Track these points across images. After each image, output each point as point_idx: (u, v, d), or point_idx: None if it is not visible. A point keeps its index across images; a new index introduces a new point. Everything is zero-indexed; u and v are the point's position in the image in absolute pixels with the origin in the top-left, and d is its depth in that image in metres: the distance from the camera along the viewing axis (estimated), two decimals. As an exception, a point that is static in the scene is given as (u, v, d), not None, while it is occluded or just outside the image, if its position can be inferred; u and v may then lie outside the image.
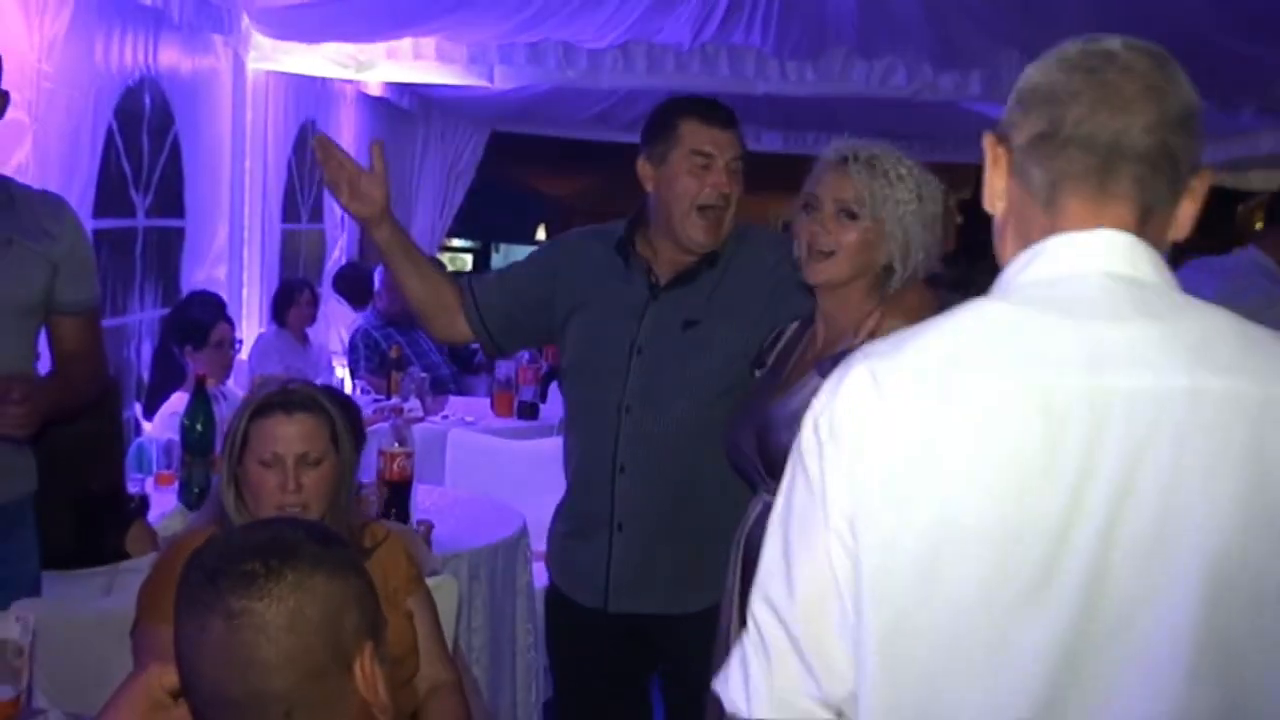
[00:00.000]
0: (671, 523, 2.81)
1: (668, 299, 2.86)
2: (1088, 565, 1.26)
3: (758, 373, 2.63)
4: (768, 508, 1.66)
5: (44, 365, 3.14)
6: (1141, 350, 1.30)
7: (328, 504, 2.49)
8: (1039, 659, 1.27)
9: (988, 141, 1.49)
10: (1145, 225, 1.39)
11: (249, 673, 1.41)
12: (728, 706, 1.41)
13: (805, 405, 1.44)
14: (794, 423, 1.49)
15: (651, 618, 2.86)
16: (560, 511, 3.07)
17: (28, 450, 3.11)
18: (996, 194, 1.48)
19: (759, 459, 2.46)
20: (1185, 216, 1.43)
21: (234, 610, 1.42)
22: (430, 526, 3.78)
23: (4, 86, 2.93)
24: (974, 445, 1.31)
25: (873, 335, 2.23)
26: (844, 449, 1.35)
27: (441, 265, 9.19)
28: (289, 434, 2.45)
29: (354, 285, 7.86)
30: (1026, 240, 1.41)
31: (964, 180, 13.81)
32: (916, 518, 1.31)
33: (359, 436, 2.60)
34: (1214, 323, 1.34)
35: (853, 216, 2.43)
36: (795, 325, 2.62)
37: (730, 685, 1.41)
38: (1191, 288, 1.42)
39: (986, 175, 1.49)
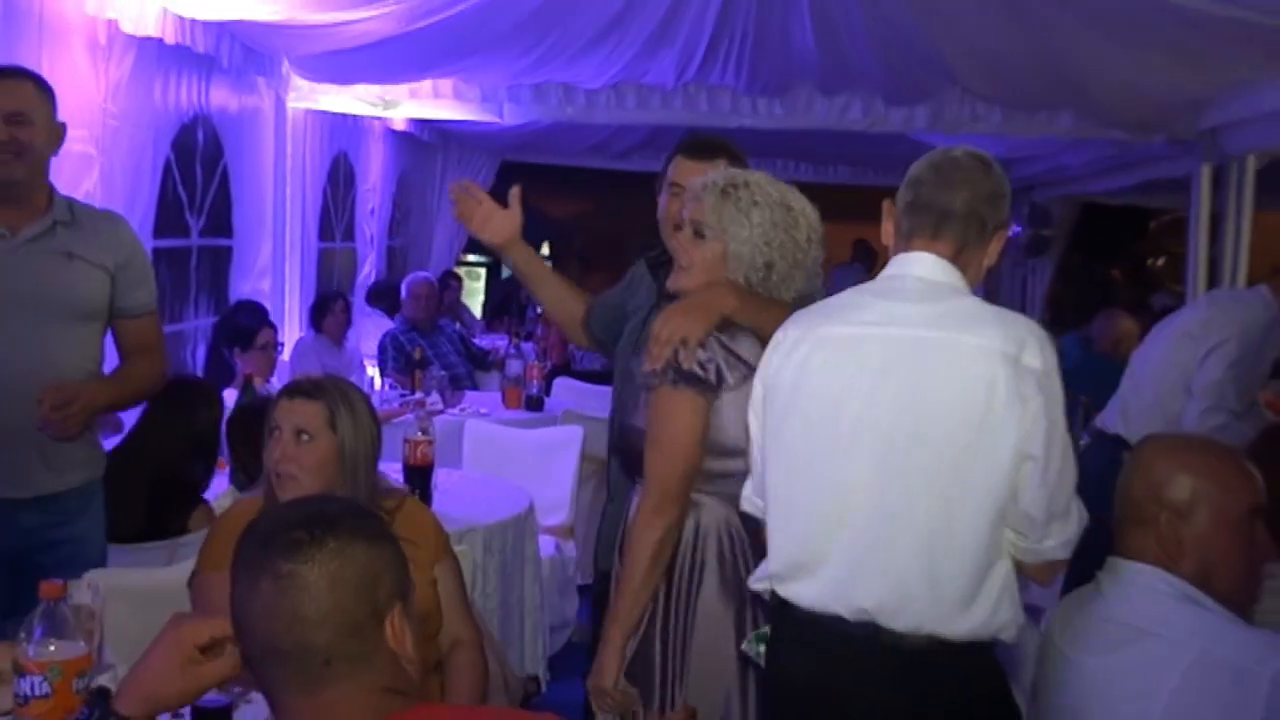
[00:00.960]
0: None
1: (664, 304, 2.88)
2: (861, 415, 2.02)
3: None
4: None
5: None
6: (912, 316, 2.04)
7: (321, 477, 2.50)
8: (836, 462, 2.05)
9: (886, 205, 2.20)
10: (959, 255, 2.10)
11: (294, 626, 1.41)
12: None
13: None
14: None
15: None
16: None
17: (96, 441, 3.12)
18: (887, 235, 2.19)
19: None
20: (993, 251, 2.16)
21: (281, 572, 1.42)
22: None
23: (73, 126, 2.94)
24: (821, 359, 2.09)
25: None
26: (765, 362, 2.20)
27: (460, 283, 9.21)
28: (290, 412, 2.52)
29: (386, 298, 7.89)
30: None
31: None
32: (791, 395, 2.11)
33: (373, 428, 2.62)
34: (964, 306, 2.05)
35: (702, 236, 2.45)
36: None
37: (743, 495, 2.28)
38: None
39: (884, 224, 2.20)
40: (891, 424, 1.99)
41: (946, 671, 2.01)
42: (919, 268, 2.09)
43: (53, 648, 1.87)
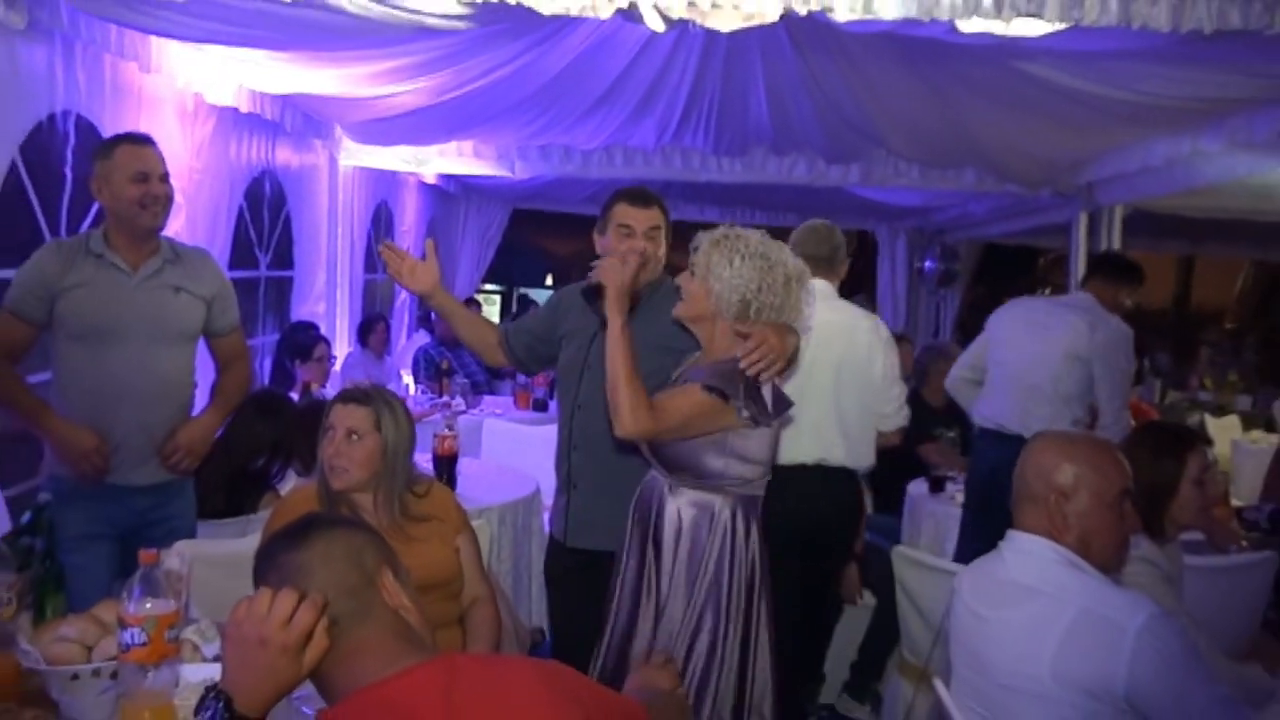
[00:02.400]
0: (608, 485, 2.77)
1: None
2: (821, 372, 3.19)
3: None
4: (654, 479, 2.53)
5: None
6: (836, 316, 3.28)
7: (369, 469, 2.50)
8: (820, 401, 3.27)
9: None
10: (833, 278, 3.46)
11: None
12: None
13: None
14: None
15: (598, 553, 2.75)
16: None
17: None
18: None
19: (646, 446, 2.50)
20: (843, 274, 3.51)
21: (281, 563, 1.47)
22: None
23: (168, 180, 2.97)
24: (813, 338, 2.88)
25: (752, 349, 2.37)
26: None
27: (479, 307, 9.21)
28: (344, 415, 2.52)
29: (427, 321, 8.10)
30: None
31: (846, 241, 13.90)
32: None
33: (410, 428, 2.61)
34: (849, 304, 3.52)
35: (694, 275, 2.48)
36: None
37: None
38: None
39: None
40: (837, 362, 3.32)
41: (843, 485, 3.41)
42: (825, 289, 3.34)
43: (148, 605, 1.87)
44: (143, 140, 2.96)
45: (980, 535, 3.60)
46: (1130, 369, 3.89)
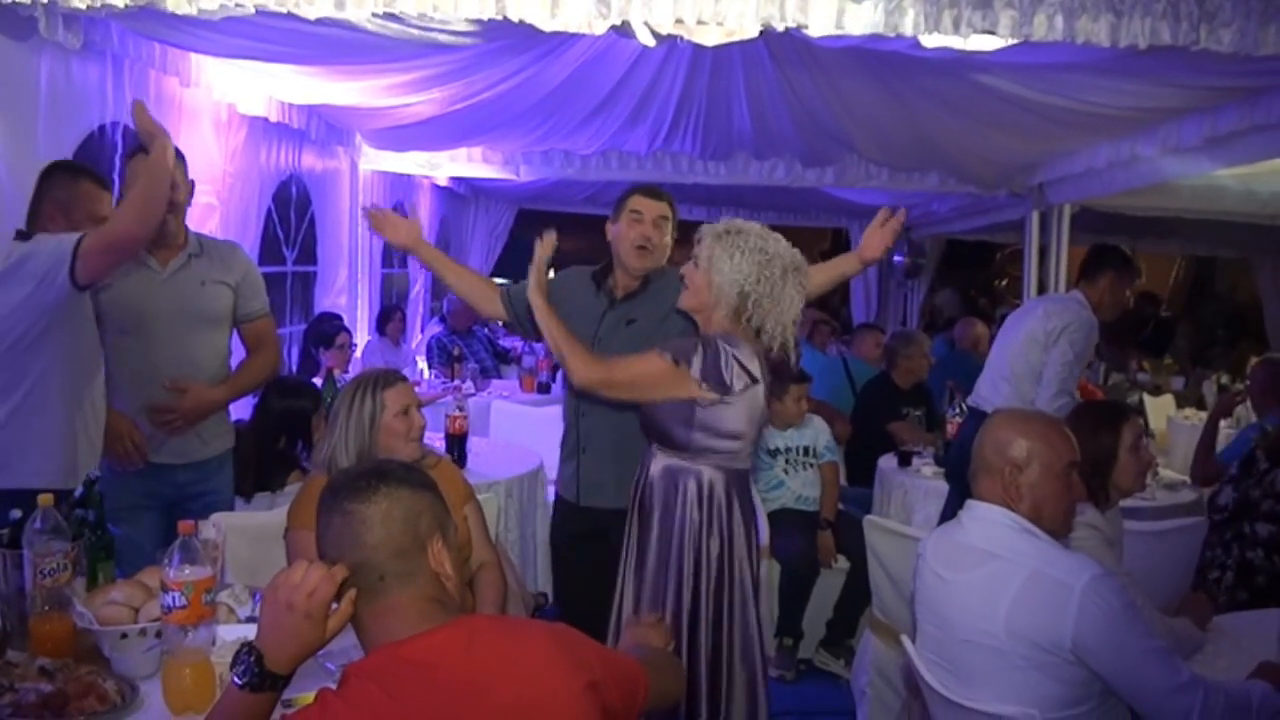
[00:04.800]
0: (616, 447, 2.79)
1: (620, 308, 2.88)
2: None
3: None
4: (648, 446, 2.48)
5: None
6: None
7: (421, 436, 2.53)
8: None
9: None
10: None
11: (356, 550, 1.42)
12: None
13: None
14: None
15: (607, 511, 2.76)
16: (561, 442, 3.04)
17: (228, 419, 3.12)
18: None
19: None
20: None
21: (348, 510, 1.43)
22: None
23: (200, 182, 2.95)
24: None
25: None
26: None
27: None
28: (409, 395, 2.51)
29: (439, 313, 7.94)
30: None
31: (822, 237, 13.87)
32: None
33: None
34: None
35: (697, 266, 2.43)
36: None
37: None
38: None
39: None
40: None
41: None
42: None
43: (187, 571, 1.87)
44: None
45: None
46: (1074, 358, 3.80)
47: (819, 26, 2.67)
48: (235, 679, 1.41)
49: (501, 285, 3.09)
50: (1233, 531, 3.36)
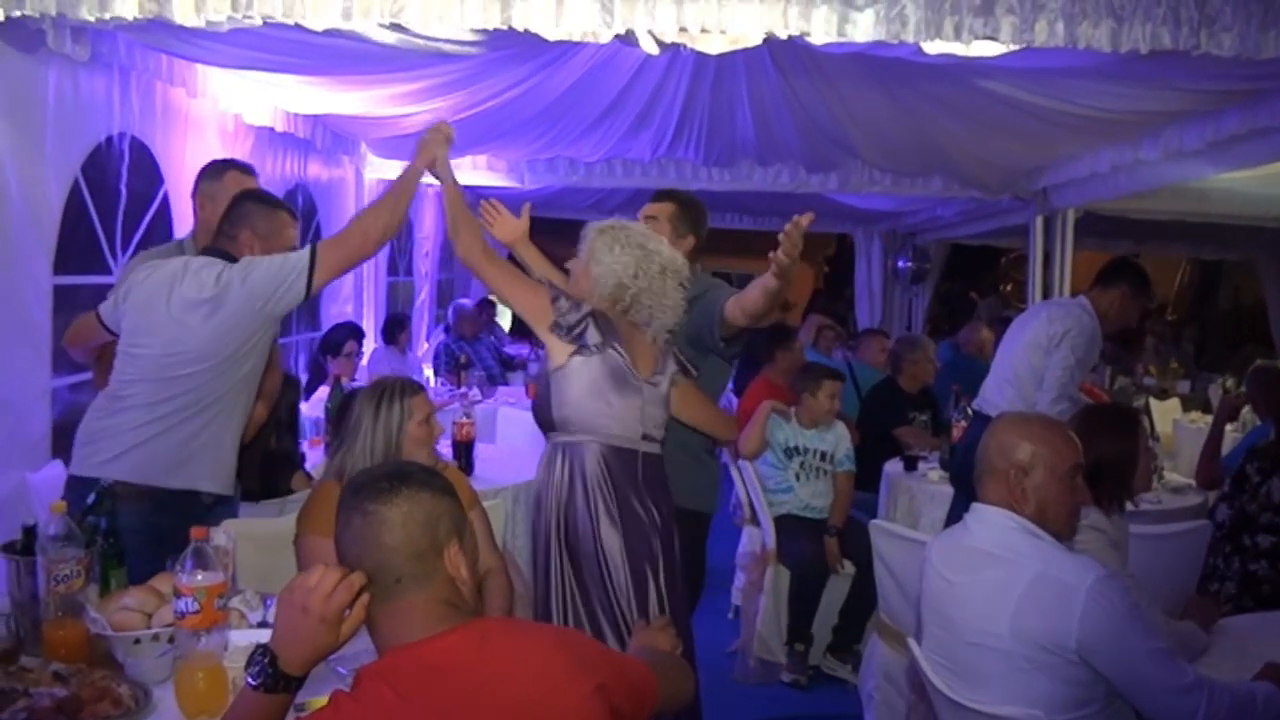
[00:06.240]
0: None
1: None
2: None
3: None
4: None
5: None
6: None
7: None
8: None
9: None
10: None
11: (374, 551, 1.42)
12: None
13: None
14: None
15: None
16: None
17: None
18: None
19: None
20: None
21: (368, 510, 1.43)
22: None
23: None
24: None
25: None
26: None
27: (494, 308, 9.18)
28: (430, 404, 2.56)
29: (444, 321, 8.02)
30: None
31: (827, 243, 13.87)
32: None
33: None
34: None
35: (579, 257, 2.59)
36: None
37: None
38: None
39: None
40: None
41: None
42: None
43: (200, 577, 1.89)
44: (248, 170, 3.00)
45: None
46: (1076, 363, 3.79)
47: (821, 34, 2.69)
48: (249, 680, 1.43)
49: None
50: (1232, 545, 3.40)
